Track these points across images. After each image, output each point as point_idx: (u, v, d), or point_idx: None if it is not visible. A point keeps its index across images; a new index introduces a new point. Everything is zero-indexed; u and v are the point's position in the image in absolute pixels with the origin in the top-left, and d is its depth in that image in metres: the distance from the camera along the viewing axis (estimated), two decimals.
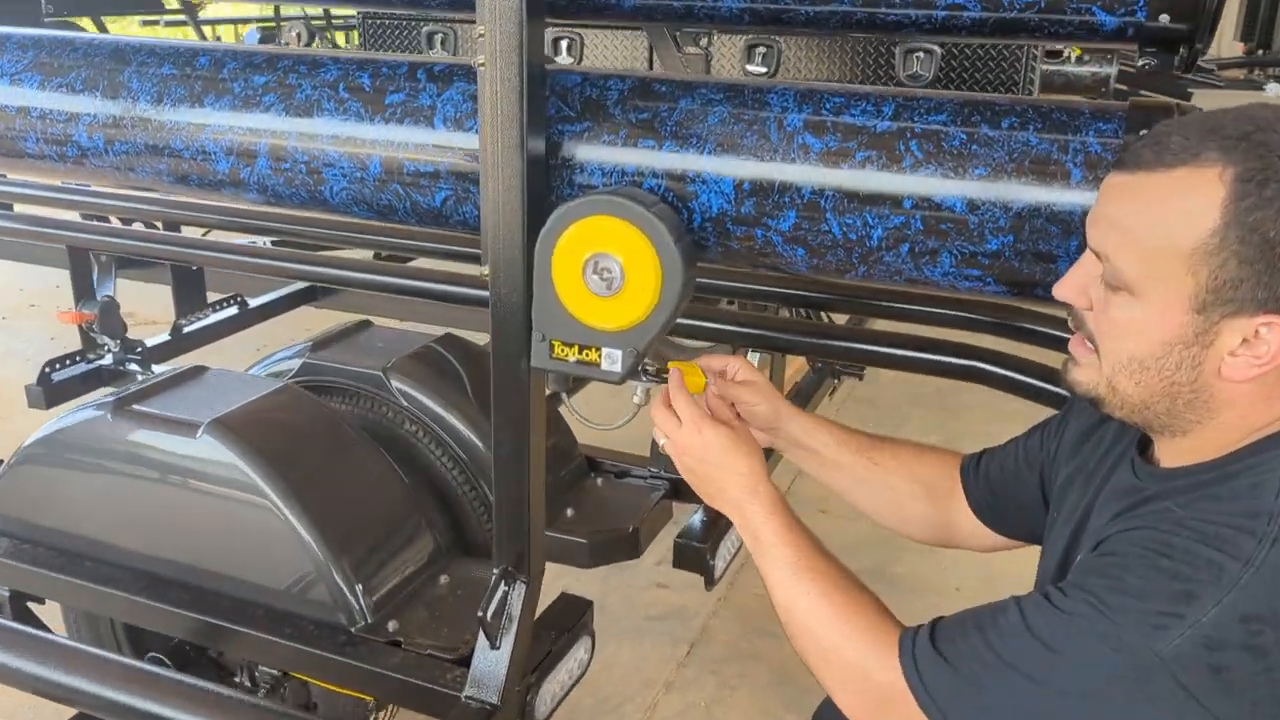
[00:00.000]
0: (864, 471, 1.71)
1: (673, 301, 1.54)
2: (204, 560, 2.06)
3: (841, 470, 1.71)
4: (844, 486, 1.73)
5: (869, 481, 1.71)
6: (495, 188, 1.60)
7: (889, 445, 1.72)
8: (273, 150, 1.85)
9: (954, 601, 3.72)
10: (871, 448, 1.71)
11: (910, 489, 1.70)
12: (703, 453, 1.55)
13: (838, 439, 1.71)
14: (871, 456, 1.70)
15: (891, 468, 1.70)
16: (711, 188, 1.59)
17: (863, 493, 1.72)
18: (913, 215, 1.50)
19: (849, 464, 1.71)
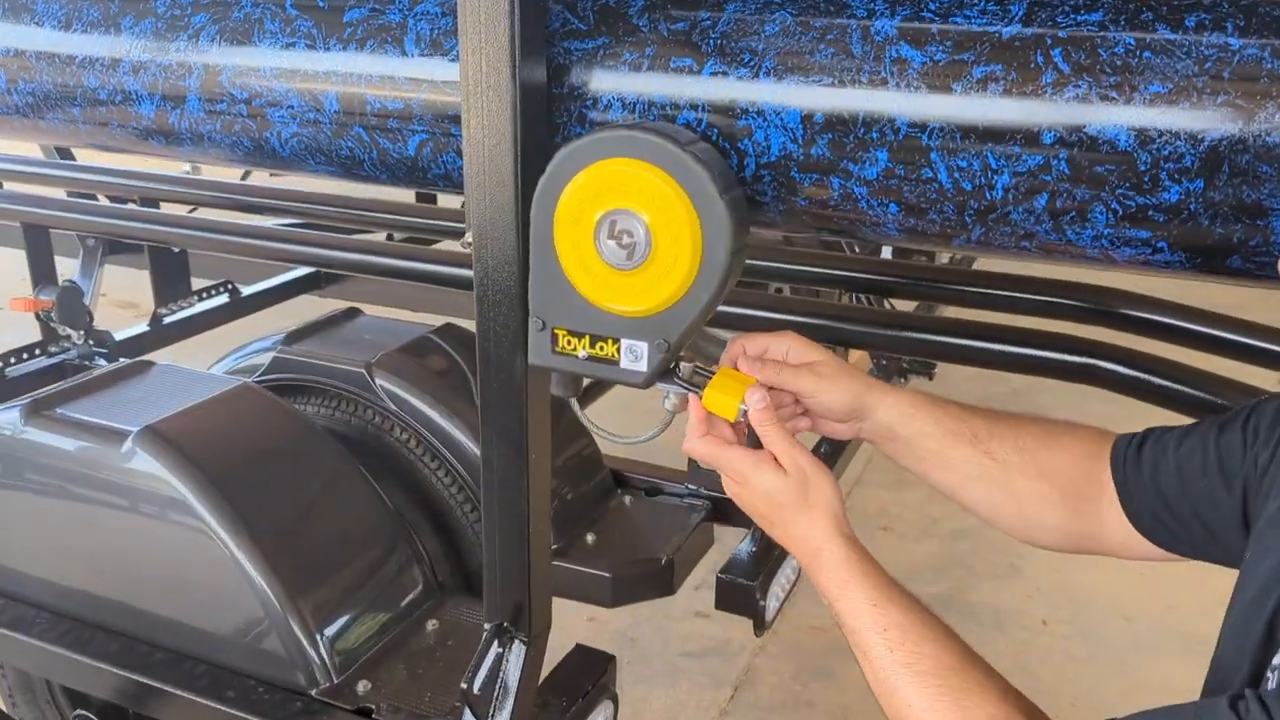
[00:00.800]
0: (977, 469, 1.28)
1: (717, 276, 1.13)
2: (136, 600, 1.68)
3: (950, 469, 1.29)
4: (951, 485, 1.31)
5: (983, 480, 1.29)
6: (479, 126, 1.20)
7: (1011, 431, 1.28)
8: (206, 88, 1.46)
9: (1041, 638, 3.32)
10: (989, 436, 1.28)
11: (1037, 490, 1.27)
12: (754, 505, 1.20)
13: (945, 428, 1.28)
14: (989, 449, 1.27)
15: (1014, 464, 1.27)
16: (771, 122, 1.17)
17: (975, 493, 1.30)
18: (1054, 155, 1.07)
19: (959, 460, 1.28)
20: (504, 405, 1.29)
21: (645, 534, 2.07)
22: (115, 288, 4.16)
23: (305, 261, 3.05)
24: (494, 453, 1.31)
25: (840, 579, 1.13)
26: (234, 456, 1.65)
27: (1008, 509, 1.29)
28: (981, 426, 1.28)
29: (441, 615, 1.74)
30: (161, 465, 1.58)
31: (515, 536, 1.34)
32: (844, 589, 1.12)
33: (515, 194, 1.20)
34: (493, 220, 1.22)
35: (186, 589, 1.63)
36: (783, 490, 1.17)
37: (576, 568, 1.94)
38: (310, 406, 2.06)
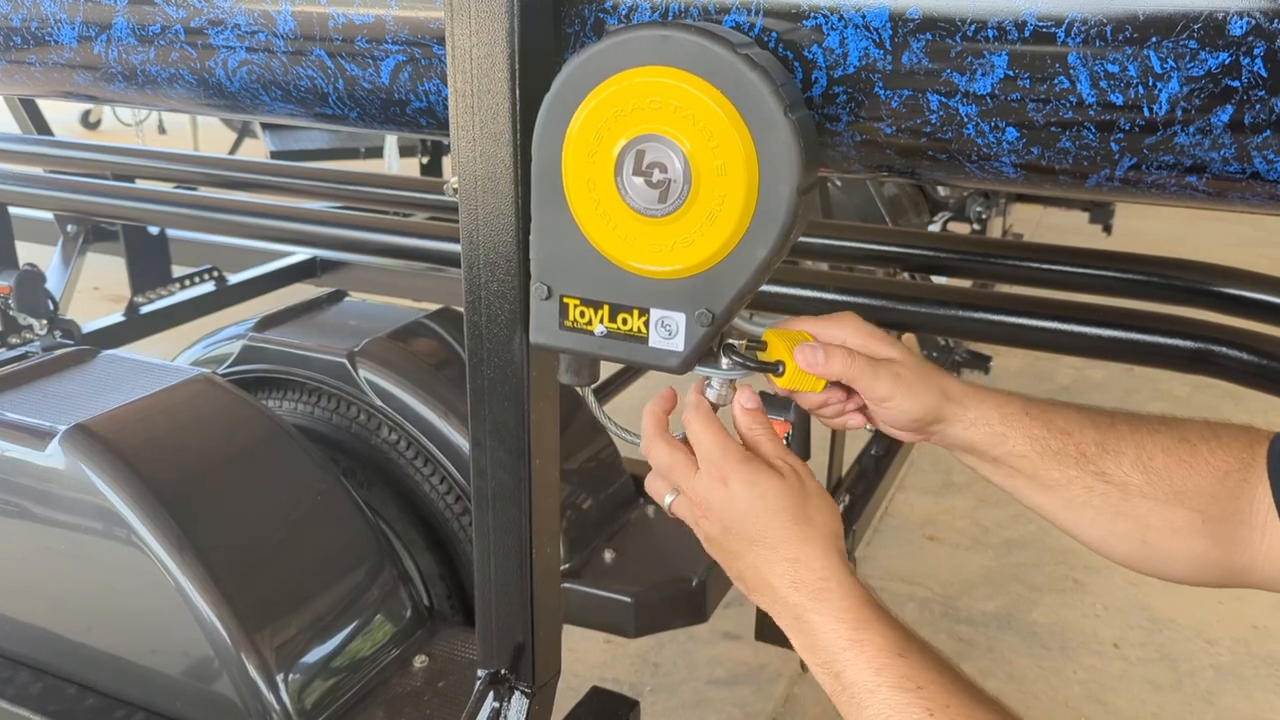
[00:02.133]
0: (1084, 494, 1.00)
1: (778, 224, 0.85)
2: (66, 631, 1.41)
3: (1049, 491, 1.02)
4: (1052, 510, 1.04)
5: (1092, 507, 1.01)
6: (466, 34, 0.92)
7: (1132, 442, 0.99)
8: (135, 7, 1.18)
9: (1113, 664, 3.01)
10: (1102, 453, 0.99)
11: (1168, 517, 0.98)
12: (727, 518, 0.93)
13: (1043, 447, 1.00)
14: (1102, 469, 0.99)
15: (1136, 486, 0.98)
16: (849, 21, 0.89)
17: (1083, 520, 1.02)
18: (1247, 50, 0.78)
19: (1061, 483, 1.01)
20: (499, 397, 1.01)
21: (672, 550, 1.78)
22: (111, 281, 3.92)
23: (298, 241, 2.77)
24: (487, 458, 1.03)
25: (853, 620, 0.86)
26: (180, 461, 1.38)
27: (1128, 539, 1.01)
28: (1092, 440, 1.00)
29: (432, 649, 1.47)
30: (90, 471, 1.30)
31: (514, 563, 1.06)
32: (859, 631, 0.86)
33: (512, 121, 0.93)
34: (484, 156, 0.95)
35: (123, 620, 1.36)
36: (782, 493, 0.91)
37: (592, 591, 1.66)
38: (285, 402, 1.79)
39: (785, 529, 0.91)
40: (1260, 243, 5.90)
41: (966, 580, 2.92)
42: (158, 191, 2.59)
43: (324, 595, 1.40)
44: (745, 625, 2.41)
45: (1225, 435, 0.98)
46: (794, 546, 0.91)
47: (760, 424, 0.96)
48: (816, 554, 0.90)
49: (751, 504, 0.91)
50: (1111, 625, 2.83)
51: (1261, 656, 2.72)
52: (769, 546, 0.91)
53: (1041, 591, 2.92)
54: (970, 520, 3.33)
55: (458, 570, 1.72)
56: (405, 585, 1.50)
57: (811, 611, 0.89)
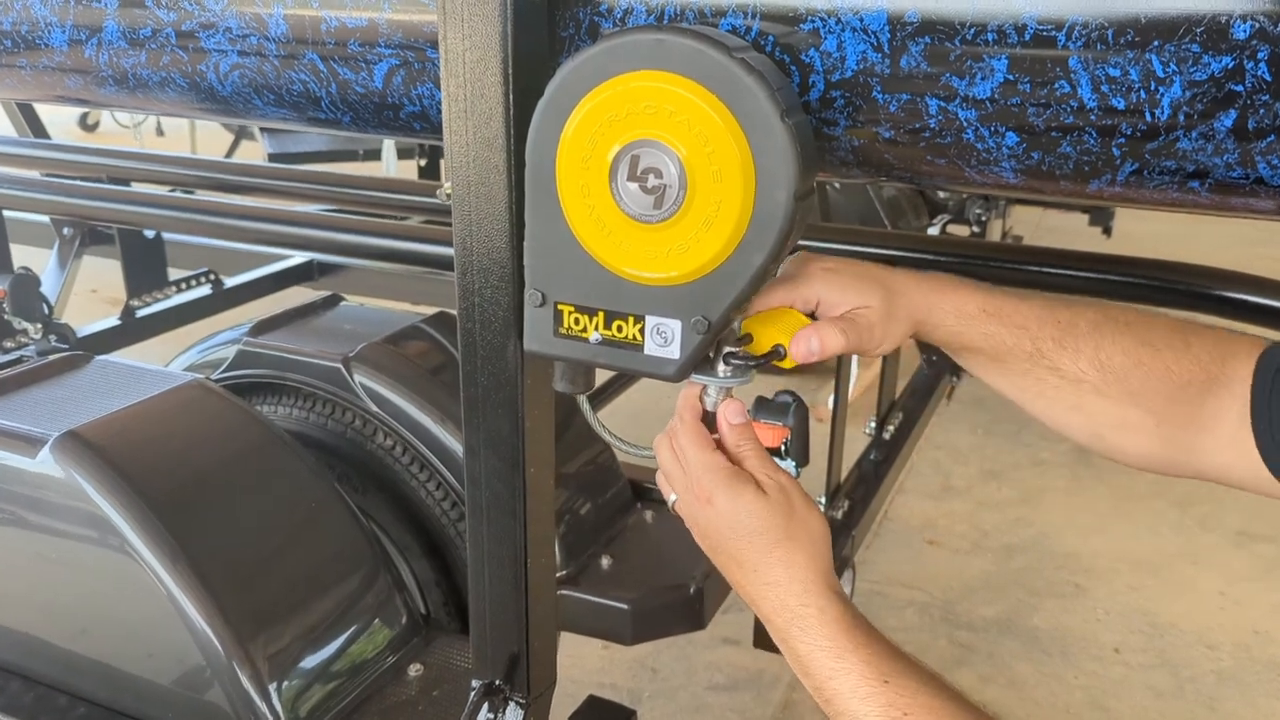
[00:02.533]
0: (1039, 385, 1.01)
1: (775, 230, 0.84)
2: (58, 639, 1.39)
3: (1008, 380, 1.04)
4: (1012, 396, 1.05)
5: (1047, 399, 1.02)
6: (459, 38, 0.91)
7: (1092, 339, 0.99)
8: (127, 10, 1.17)
9: (1114, 669, 2.99)
10: (1058, 348, 0.99)
11: (1120, 416, 0.99)
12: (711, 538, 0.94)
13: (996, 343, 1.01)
14: (1055, 363, 0.99)
15: (1090, 382, 0.98)
16: (847, 24, 0.87)
17: (1039, 409, 1.04)
18: (1250, 54, 0.76)
19: (1017, 374, 1.02)
20: (493, 405, 1.00)
21: (670, 556, 1.77)
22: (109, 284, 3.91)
23: (295, 245, 2.75)
24: (481, 466, 1.02)
25: (833, 648, 0.86)
26: (173, 468, 1.36)
27: (1081, 430, 1.03)
28: (1050, 336, 1.00)
29: (427, 657, 1.46)
30: (82, 478, 1.29)
31: (509, 572, 1.05)
32: (840, 660, 0.86)
33: (505, 126, 0.92)
34: (477, 161, 0.93)
35: (115, 629, 1.35)
36: (763, 513, 0.90)
37: (589, 598, 1.65)
38: (280, 408, 1.78)
39: (765, 552, 0.90)
40: (1261, 242, 5.89)
41: (966, 585, 2.91)
42: (153, 195, 2.58)
43: (318, 603, 1.39)
44: (744, 630, 2.40)
45: (1195, 344, 0.97)
46: (774, 570, 0.90)
47: (747, 439, 0.95)
48: (796, 578, 0.89)
49: (733, 525, 0.91)
50: (1112, 630, 2.82)
51: (1263, 661, 2.71)
52: (751, 569, 0.91)
53: (1042, 596, 2.91)
54: (970, 524, 3.32)
55: (454, 576, 1.71)
56: (400, 592, 1.49)
57: (794, 639, 0.88)
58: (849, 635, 0.86)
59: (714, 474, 0.91)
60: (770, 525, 0.90)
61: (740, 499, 0.90)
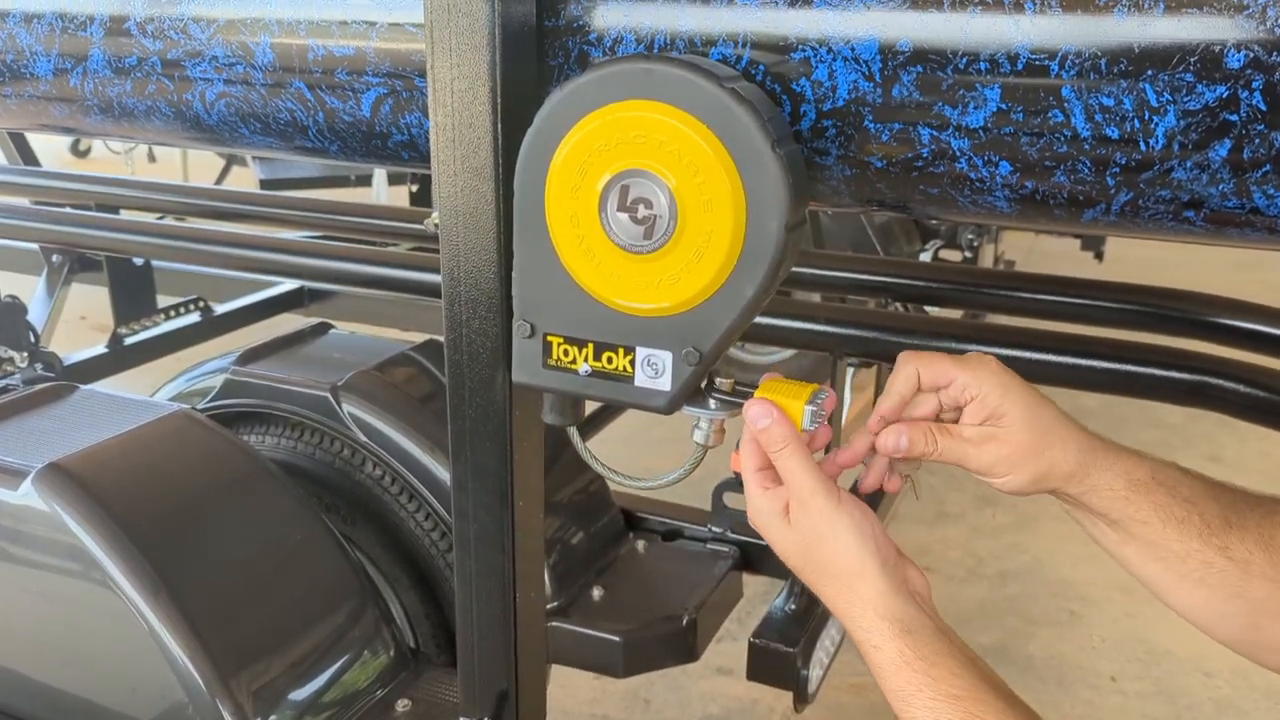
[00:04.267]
0: (1201, 570, 0.93)
1: (766, 261, 0.83)
2: (34, 672, 1.37)
3: (1163, 563, 0.95)
4: (1158, 581, 0.96)
5: (1210, 586, 0.93)
6: (447, 67, 0.90)
7: (1254, 518, 0.93)
8: (112, 39, 1.16)
9: (1111, 698, 2.97)
10: (1225, 526, 0.93)
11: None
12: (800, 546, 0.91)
13: (1168, 514, 0.93)
14: (1225, 543, 0.92)
15: (1258, 565, 0.91)
16: (838, 54, 0.87)
17: (1193, 597, 0.95)
18: (1244, 84, 0.76)
19: (1181, 556, 0.94)
20: (481, 438, 0.98)
21: (662, 587, 1.75)
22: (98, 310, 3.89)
23: (285, 273, 2.74)
24: (469, 500, 1.00)
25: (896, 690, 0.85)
26: (157, 501, 1.34)
27: (1238, 622, 0.94)
28: (1216, 513, 0.93)
29: (415, 692, 1.43)
30: (64, 510, 1.27)
31: (497, 608, 1.03)
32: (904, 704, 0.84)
33: (494, 155, 0.91)
34: (465, 191, 0.92)
35: (96, 664, 1.32)
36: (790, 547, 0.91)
37: (580, 630, 1.62)
38: (268, 437, 1.76)
39: (813, 583, 0.90)
40: (1252, 267, 5.91)
41: (962, 612, 2.88)
42: (142, 223, 2.57)
43: (303, 637, 1.36)
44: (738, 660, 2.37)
45: None
46: (827, 600, 0.90)
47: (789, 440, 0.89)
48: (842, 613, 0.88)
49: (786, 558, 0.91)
50: (1109, 658, 2.80)
51: (1261, 690, 2.68)
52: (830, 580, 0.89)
53: (1038, 624, 2.89)
54: (964, 550, 3.30)
55: (443, 608, 1.69)
56: (388, 625, 1.47)
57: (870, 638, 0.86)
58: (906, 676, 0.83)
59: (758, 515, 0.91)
60: (803, 558, 0.89)
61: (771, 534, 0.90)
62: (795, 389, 0.92)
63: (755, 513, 0.91)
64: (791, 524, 0.89)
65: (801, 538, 0.89)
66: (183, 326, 2.89)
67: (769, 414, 0.89)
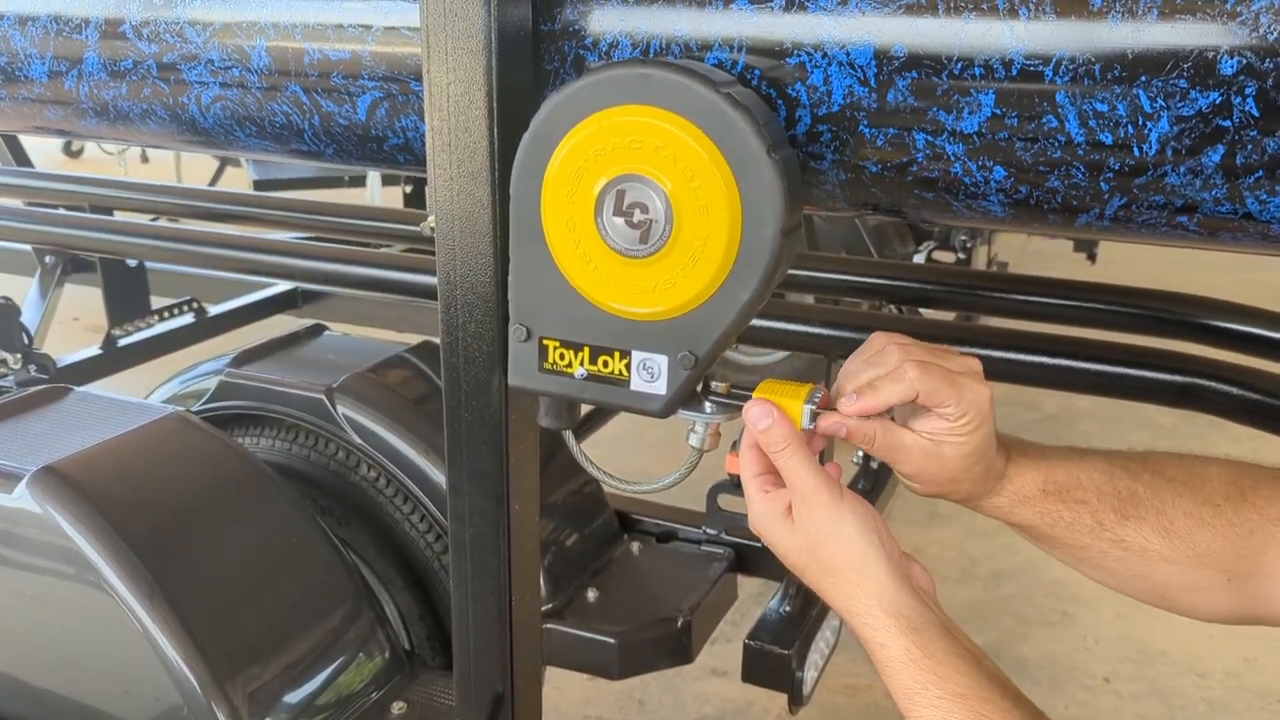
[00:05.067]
0: (1101, 557, 0.98)
1: (761, 265, 0.83)
2: (28, 675, 1.37)
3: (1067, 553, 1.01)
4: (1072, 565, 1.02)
5: (1110, 570, 0.99)
6: (443, 71, 0.90)
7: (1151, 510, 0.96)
8: (107, 42, 1.16)
9: (1104, 698, 2.97)
10: (1120, 521, 0.96)
11: (1189, 580, 0.96)
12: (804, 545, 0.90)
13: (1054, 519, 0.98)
14: (1120, 536, 0.96)
15: (1156, 550, 0.96)
16: (833, 59, 0.87)
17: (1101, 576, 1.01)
18: (1238, 89, 0.76)
19: (1077, 548, 0.99)
20: (477, 441, 0.98)
21: (657, 589, 1.75)
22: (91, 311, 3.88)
23: (279, 274, 2.74)
24: (465, 503, 1.00)
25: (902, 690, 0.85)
26: (151, 504, 1.34)
27: (1148, 594, 1.00)
28: (1111, 508, 0.97)
29: (411, 695, 1.43)
30: (58, 513, 1.27)
31: (493, 611, 1.03)
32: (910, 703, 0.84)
33: (490, 159, 0.91)
34: (461, 195, 0.92)
35: (91, 667, 1.32)
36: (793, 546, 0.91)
37: (575, 632, 1.62)
38: (262, 439, 1.75)
39: (816, 582, 0.90)
40: (1242, 268, 5.92)
41: (955, 613, 2.85)
42: (136, 224, 2.56)
43: (298, 640, 1.36)
44: (733, 661, 2.38)
45: (1251, 493, 0.95)
46: (830, 599, 0.90)
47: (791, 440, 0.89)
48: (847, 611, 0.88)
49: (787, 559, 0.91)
50: (1102, 659, 2.81)
51: (1254, 690, 2.69)
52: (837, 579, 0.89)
53: (1031, 625, 2.90)
54: (958, 552, 3.31)
55: (438, 610, 1.69)
56: (383, 628, 1.47)
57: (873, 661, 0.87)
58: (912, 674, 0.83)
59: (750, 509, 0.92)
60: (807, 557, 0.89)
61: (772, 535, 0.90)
62: (792, 389, 0.92)
63: (757, 516, 0.91)
64: (795, 524, 0.89)
65: (806, 536, 0.89)
66: (177, 328, 2.89)
67: (769, 414, 0.89)
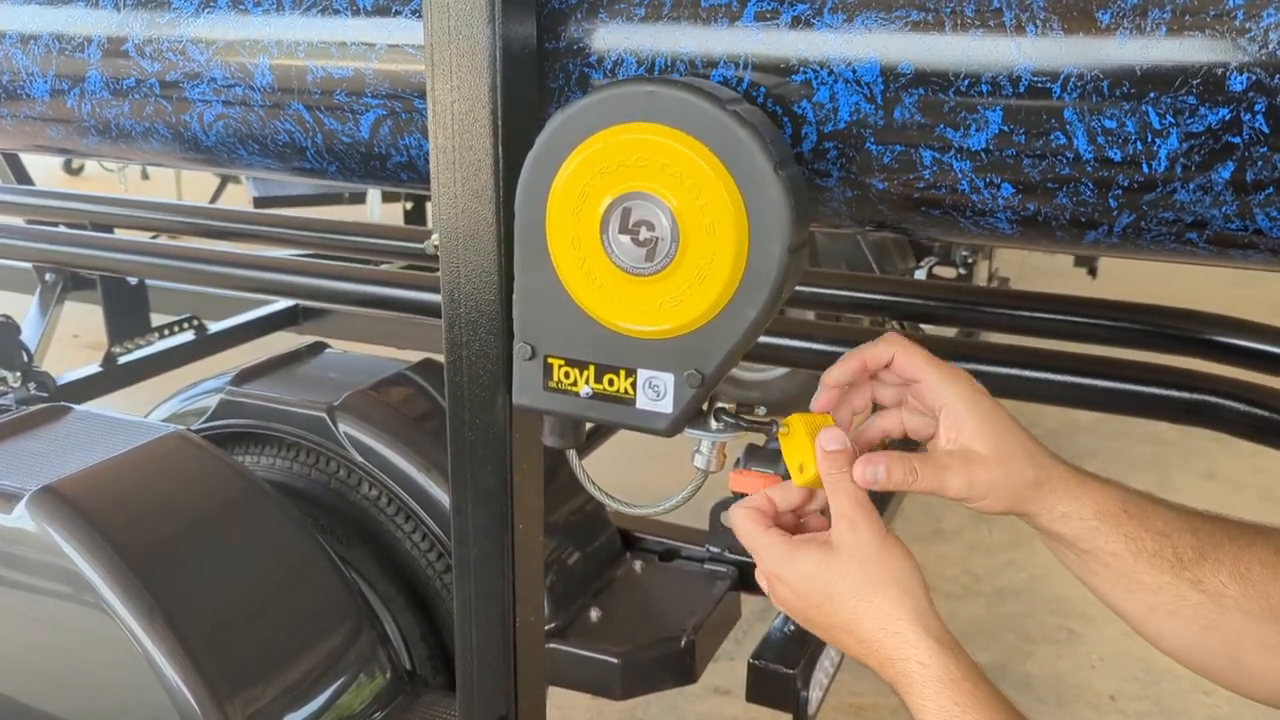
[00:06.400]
0: (1174, 602, 0.92)
1: (768, 283, 0.83)
2: (27, 696, 1.36)
3: (1134, 595, 0.93)
4: (1133, 614, 0.95)
5: (1183, 618, 0.92)
6: (448, 89, 0.90)
7: (1230, 550, 0.91)
8: (109, 60, 1.16)
9: (1110, 717, 2.94)
10: (1198, 558, 0.91)
11: (1262, 635, 0.90)
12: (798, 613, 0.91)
13: (1139, 547, 0.91)
14: (1197, 576, 0.91)
15: (1231, 598, 0.90)
16: (840, 76, 0.87)
17: (1166, 629, 0.94)
18: (1247, 106, 0.76)
19: (1151, 588, 0.92)
20: (481, 460, 0.97)
21: (660, 608, 1.74)
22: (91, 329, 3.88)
23: (280, 292, 2.74)
24: (469, 524, 0.99)
25: (942, 708, 0.82)
26: (152, 524, 1.33)
27: (1216, 654, 0.92)
28: (1189, 545, 0.92)
29: (412, 716, 1.42)
30: (57, 534, 1.26)
31: (497, 632, 1.02)
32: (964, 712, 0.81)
33: (494, 177, 0.90)
34: (465, 213, 0.92)
35: (90, 687, 1.31)
36: (827, 573, 0.87)
37: (577, 651, 1.61)
38: (263, 458, 1.75)
39: (849, 609, 0.86)
40: (1243, 284, 5.92)
41: (959, 631, 2.84)
42: (136, 242, 2.56)
43: (299, 661, 1.35)
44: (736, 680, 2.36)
45: None
46: (863, 626, 0.86)
47: (839, 467, 0.89)
48: (888, 629, 0.84)
49: (807, 595, 0.88)
50: (1107, 677, 2.79)
51: (1259, 709, 2.67)
52: (844, 631, 0.87)
53: (1036, 642, 2.88)
54: (961, 568, 3.29)
55: (440, 630, 1.68)
56: (384, 648, 1.46)
57: (904, 693, 0.84)
58: (952, 695, 0.81)
59: (770, 552, 0.89)
60: (841, 581, 0.86)
61: (799, 566, 0.87)
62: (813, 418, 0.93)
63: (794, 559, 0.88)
64: (835, 547, 0.87)
65: (852, 558, 0.86)
66: (177, 345, 2.88)
67: (841, 440, 0.89)
